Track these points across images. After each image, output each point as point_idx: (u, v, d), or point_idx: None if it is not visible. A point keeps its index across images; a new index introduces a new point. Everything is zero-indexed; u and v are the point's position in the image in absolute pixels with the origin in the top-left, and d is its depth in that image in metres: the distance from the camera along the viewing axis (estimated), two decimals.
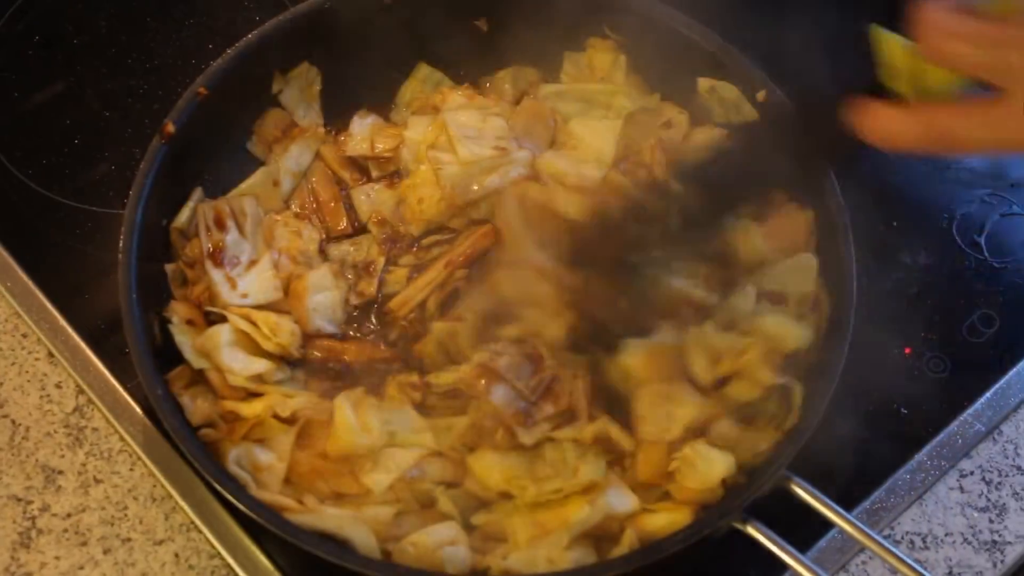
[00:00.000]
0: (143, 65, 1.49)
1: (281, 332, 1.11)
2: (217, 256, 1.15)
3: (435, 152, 1.26)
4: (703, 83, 1.29)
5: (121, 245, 1.10)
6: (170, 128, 1.17)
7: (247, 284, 1.15)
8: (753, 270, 1.15)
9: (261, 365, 1.10)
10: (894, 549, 0.97)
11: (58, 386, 1.23)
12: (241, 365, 1.09)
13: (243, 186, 1.26)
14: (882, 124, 0.84)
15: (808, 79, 1.26)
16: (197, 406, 1.07)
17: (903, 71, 0.82)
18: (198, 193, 1.21)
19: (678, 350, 1.09)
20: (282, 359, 1.14)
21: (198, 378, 1.10)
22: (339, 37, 1.30)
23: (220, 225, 1.16)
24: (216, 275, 1.15)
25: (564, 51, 1.35)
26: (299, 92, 1.31)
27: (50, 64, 1.49)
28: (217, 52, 1.24)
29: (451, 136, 1.25)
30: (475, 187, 1.22)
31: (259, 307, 1.15)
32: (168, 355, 1.10)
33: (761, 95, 1.25)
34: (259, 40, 1.25)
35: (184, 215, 1.19)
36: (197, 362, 1.09)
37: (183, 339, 1.10)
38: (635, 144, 1.26)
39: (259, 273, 1.16)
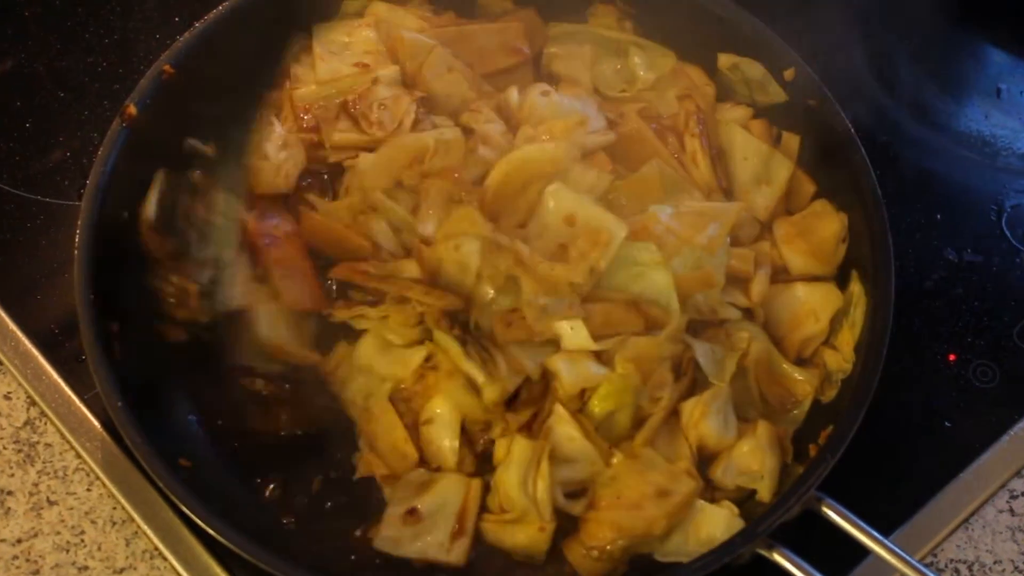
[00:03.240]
0: (102, 40, 1.49)
1: None
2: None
3: (297, 68, 1.27)
4: (724, 59, 1.30)
5: (77, 240, 1.10)
6: (132, 110, 1.17)
7: None
8: None
9: None
10: None
11: (7, 397, 1.23)
12: None
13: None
14: None
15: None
16: None
17: None
18: (161, 176, 1.21)
19: None
20: None
21: None
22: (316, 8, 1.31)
23: None
24: None
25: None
26: None
27: None
28: (184, 26, 1.24)
29: (314, 52, 1.26)
30: (331, 110, 1.22)
31: None
32: (131, 363, 1.10)
33: (789, 73, 1.25)
34: (231, 12, 1.25)
35: (151, 206, 1.18)
36: None
37: None
38: (663, 108, 1.28)
39: None
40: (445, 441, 1.10)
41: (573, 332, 1.08)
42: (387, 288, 1.14)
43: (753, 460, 1.10)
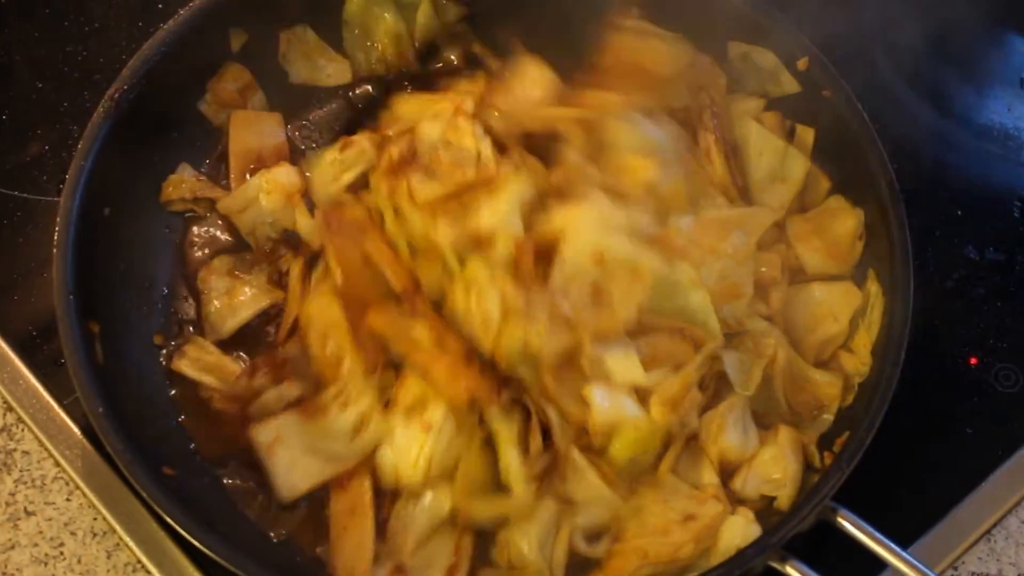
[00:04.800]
0: (82, 28, 1.49)
1: None
2: None
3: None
4: (734, 48, 1.29)
5: (56, 238, 1.10)
6: (115, 101, 1.17)
7: None
8: None
9: None
10: None
11: None
12: None
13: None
14: None
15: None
16: None
17: None
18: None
19: None
20: None
21: None
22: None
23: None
24: None
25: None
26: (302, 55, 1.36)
27: None
28: (168, 12, 1.24)
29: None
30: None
31: None
32: (112, 366, 1.10)
33: (802, 63, 1.25)
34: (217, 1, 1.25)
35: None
36: None
37: None
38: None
39: None
40: (422, 523, 1.08)
41: (625, 366, 1.06)
42: (415, 357, 1.10)
43: (775, 467, 1.09)
